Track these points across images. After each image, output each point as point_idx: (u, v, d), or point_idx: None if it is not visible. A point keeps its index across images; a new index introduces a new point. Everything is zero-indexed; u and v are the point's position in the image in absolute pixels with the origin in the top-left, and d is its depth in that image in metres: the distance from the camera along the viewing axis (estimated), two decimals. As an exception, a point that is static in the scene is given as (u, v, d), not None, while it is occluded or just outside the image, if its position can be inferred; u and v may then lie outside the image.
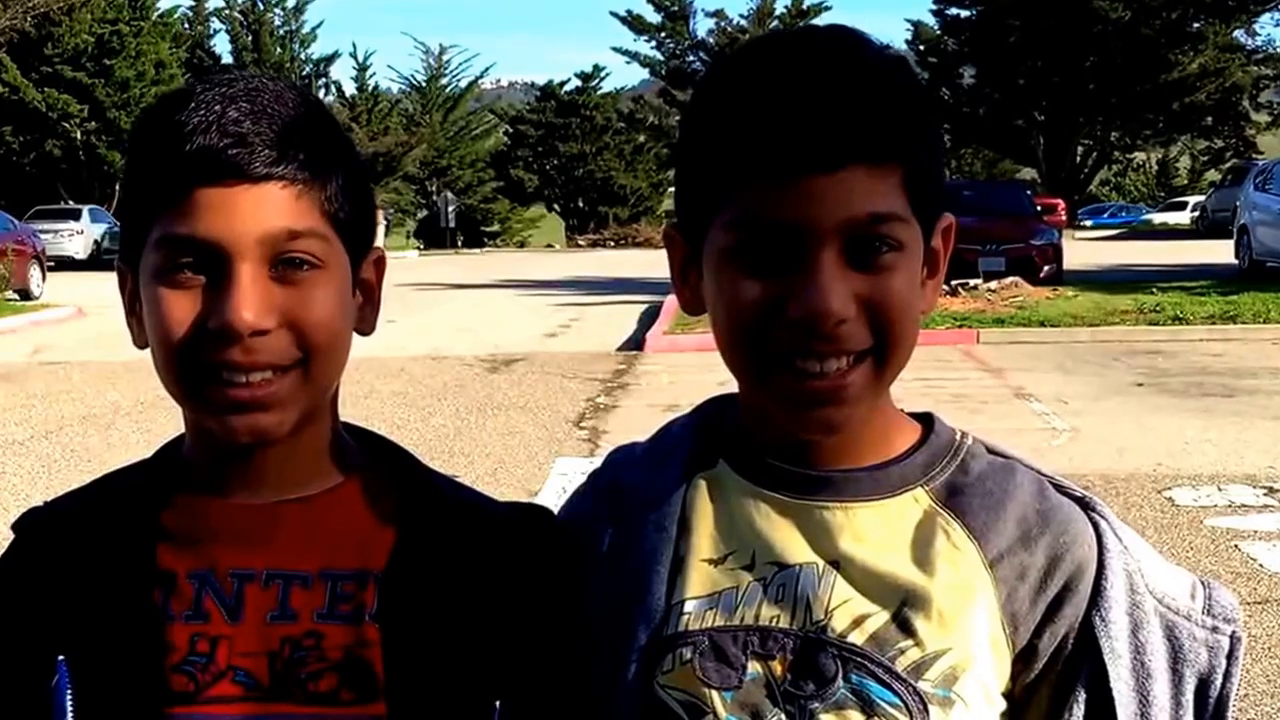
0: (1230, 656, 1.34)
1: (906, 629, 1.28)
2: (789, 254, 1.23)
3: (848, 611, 1.29)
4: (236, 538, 1.33)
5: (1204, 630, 1.33)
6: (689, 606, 1.33)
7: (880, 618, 1.28)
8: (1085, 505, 1.36)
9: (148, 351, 1.33)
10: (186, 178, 1.24)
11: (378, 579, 1.34)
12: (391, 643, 1.32)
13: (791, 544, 1.33)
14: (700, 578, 1.35)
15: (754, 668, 1.30)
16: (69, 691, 1.31)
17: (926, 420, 1.42)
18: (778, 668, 1.29)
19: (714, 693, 1.30)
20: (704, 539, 1.36)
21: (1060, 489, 1.37)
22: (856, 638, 1.28)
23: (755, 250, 1.25)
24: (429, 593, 1.35)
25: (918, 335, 1.31)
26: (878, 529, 1.32)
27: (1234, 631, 1.34)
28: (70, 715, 1.31)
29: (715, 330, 1.32)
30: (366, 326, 1.41)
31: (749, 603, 1.32)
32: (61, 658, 1.32)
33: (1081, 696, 1.31)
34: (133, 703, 1.29)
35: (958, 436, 1.40)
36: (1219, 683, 1.33)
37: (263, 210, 1.25)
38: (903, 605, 1.28)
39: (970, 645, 1.28)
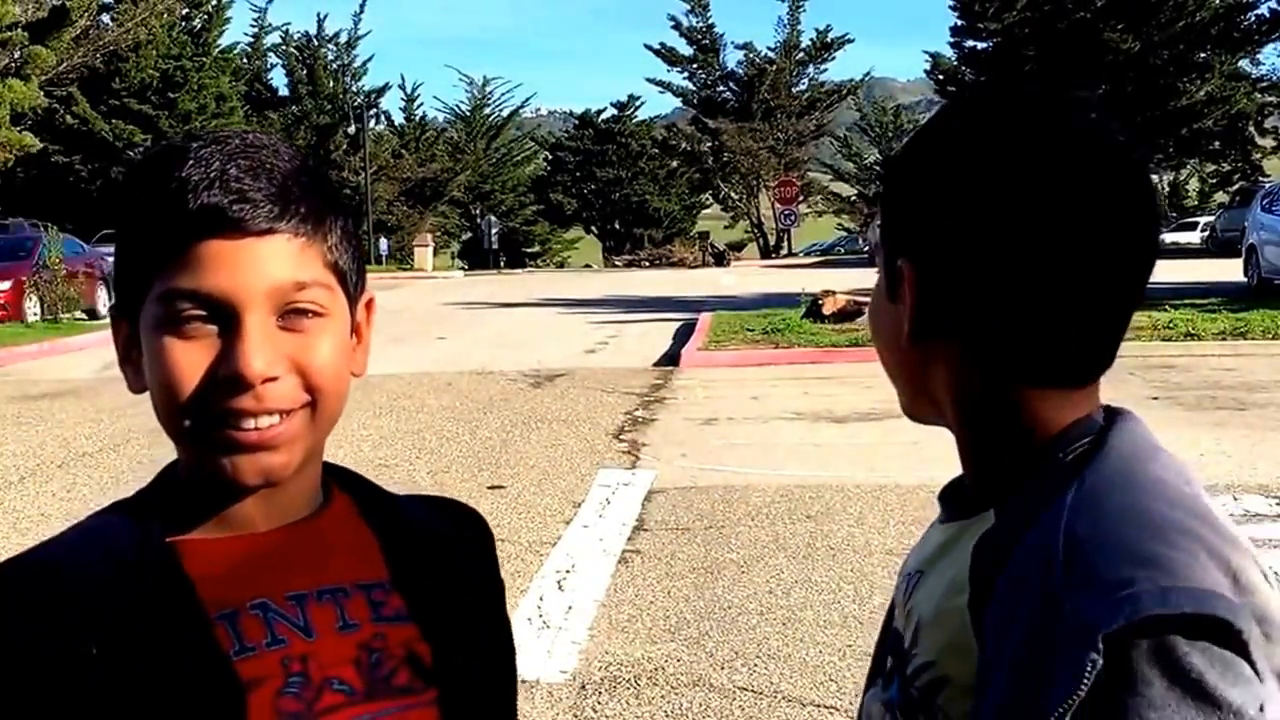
0: None
1: None
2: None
3: None
4: (271, 565, 1.30)
5: None
6: None
7: None
8: None
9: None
10: (190, 233, 1.20)
11: (391, 584, 1.35)
12: (429, 634, 1.34)
13: None
14: None
15: None
16: None
17: None
18: None
19: None
20: None
21: None
22: None
23: None
24: (431, 586, 1.37)
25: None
26: None
27: None
28: None
29: None
30: (359, 369, 1.38)
31: None
32: None
33: None
34: None
35: None
36: None
37: (269, 263, 1.22)
38: None
39: None
